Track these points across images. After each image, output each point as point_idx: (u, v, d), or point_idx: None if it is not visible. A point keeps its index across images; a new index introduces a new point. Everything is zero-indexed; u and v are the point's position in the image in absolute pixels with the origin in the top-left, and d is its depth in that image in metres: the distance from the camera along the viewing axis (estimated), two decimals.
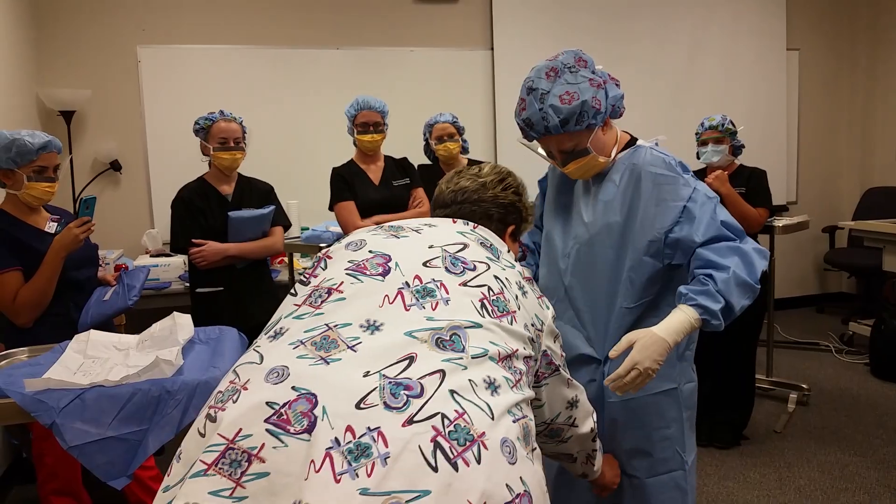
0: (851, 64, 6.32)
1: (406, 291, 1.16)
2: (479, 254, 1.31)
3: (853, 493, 3.06)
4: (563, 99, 1.74)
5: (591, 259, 1.89)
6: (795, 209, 6.01)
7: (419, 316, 1.12)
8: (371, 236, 1.33)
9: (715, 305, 1.66)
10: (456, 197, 1.53)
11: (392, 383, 0.99)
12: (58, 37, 4.56)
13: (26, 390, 1.80)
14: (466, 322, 1.13)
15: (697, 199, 1.77)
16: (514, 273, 1.33)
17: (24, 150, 2.46)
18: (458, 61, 5.33)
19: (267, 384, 1.00)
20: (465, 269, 1.24)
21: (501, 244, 1.42)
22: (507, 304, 1.22)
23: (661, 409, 1.89)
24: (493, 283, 1.23)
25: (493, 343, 1.13)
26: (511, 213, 1.56)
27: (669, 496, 1.92)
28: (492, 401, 1.04)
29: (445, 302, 1.16)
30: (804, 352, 5.13)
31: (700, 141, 3.70)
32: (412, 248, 1.28)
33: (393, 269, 1.21)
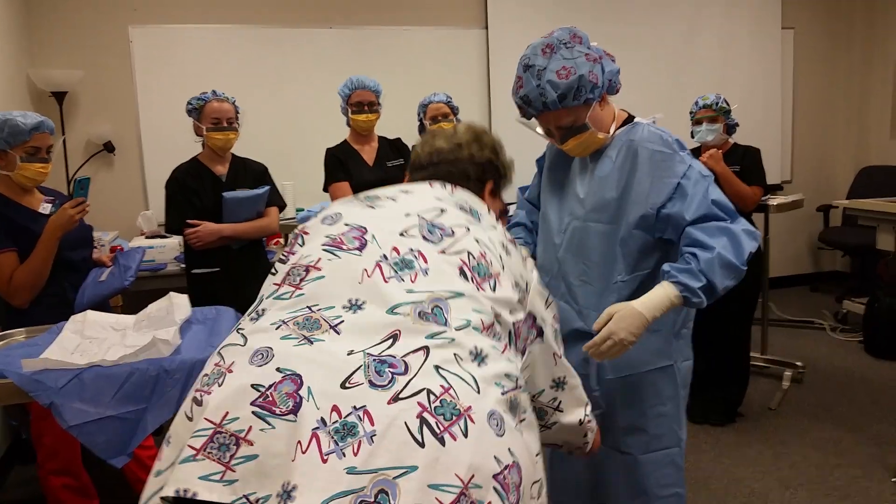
0: (846, 42, 6.31)
1: (384, 264, 1.14)
2: (458, 218, 1.27)
3: (847, 468, 3.09)
4: (560, 74, 1.74)
5: (586, 234, 1.89)
6: (790, 188, 6.02)
7: (399, 289, 1.10)
8: (347, 208, 1.30)
9: (695, 283, 1.67)
10: (432, 158, 1.50)
11: (377, 361, 0.99)
12: (49, 17, 4.52)
13: (24, 370, 1.81)
14: (447, 293, 1.11)
15: (691, 177, 1.77)
16: (497, 234, 1.31)
17: (16, 131, 2.45)
18: (453, 40, 5.30)
19: (252, 366, 1.00)
20: (443, 235, 1.21)
21: (481, 204, 1.39)
22: (488, 268, 1.19)
23: (658, 386, 1.91)
24: (474, 247, 1.21)
25: (476, 311, 1.11)
26: (489, 171, 1.51)
27: (665, 473, 1.93)
28: (478, 372, 1.03)
29: (425, 272, 1.14)
30: (799, 330, 5.16)
31: (694, 120, 3.70)
32: (388, 218, 1.24)
33: (370, 242, 1.18)
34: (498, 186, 1.56)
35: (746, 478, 3.06)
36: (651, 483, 1.93)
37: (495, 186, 1.54)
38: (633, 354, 1.87)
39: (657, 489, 1.93)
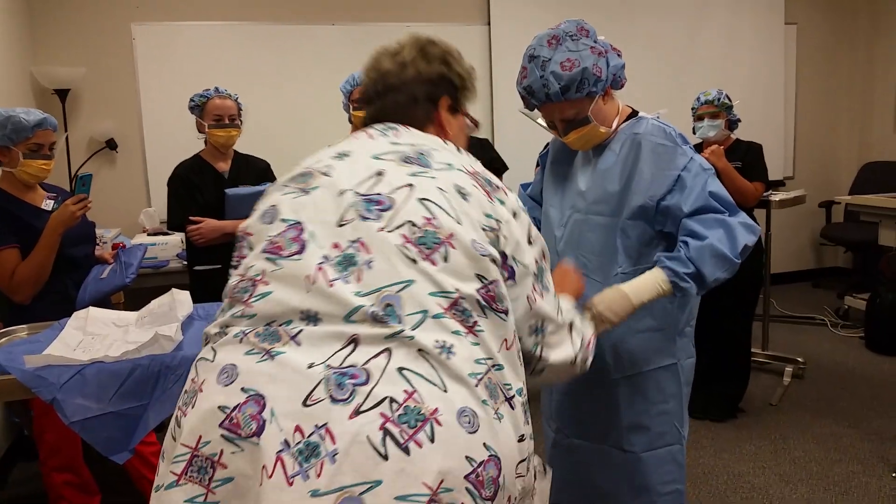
0: (850, 38, 6.29)
1: (327, 265, 1.07)
2: (399, 176, 1.15)
3: (847, 464, 3.10)
4: (564, 66, 1.74)
5: (586, 227, 1.89)
6: (792, 184, 6.01)
7: (347, 292, 1.03)
8: (282, 197, 1.20)
9: (682, 270, 1.68)
10: (377, 87, 1.36)
11: (337, 373, 0.96)
12: (52, 15, 4.52)
13: (27, 367, 1.82)
14: (396, 285, 1.04)
15: (692, 170, 1.77)
16: (452, 175, 1.18)
17: (19, 128, 2.46)
18: (455, 37, 5.16)
19: (219, 386, 1.00)
20: (380, 211, 1.11)
21: (432, 140, 1.27)
22: (437, 233, 1.08)
23: (661, 384, 1.91)
24: (417, 214, 1.10)
25: (431, 296, 1.04)
26: (441, 86, 1.36)
27: (667, 470, 1.94)
28: (446, 368, 1.00)
29: (368, 266, 1.06)
30: (800, 326, 5.16)
31: (696, 116, 3.70)
32: (323, 207, 1.14)
33: (308, 242, 1.10)
34: (457, 100, 1.41)
35: (747, 473, 3.06)
36: (653, 480, 1.93)
37: (453, 102, 1.40)
38: (638, 353, 1.88)
39: (659, 486, 1.93)
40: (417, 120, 1.34)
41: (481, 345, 1.06)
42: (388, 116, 1.33)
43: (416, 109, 1.34)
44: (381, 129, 1.30)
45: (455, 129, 1.39)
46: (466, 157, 1.28)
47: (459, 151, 1.28)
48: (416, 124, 1.33)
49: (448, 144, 1.28)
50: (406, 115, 1.33)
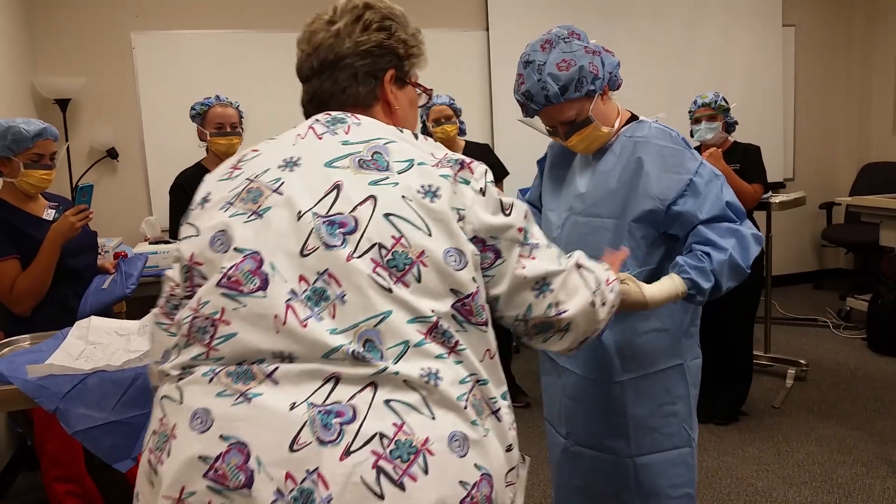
0: (848, 39, 6.30)
1: (295, 302, 0.98)
2: (359, 189, 1.05)
3: (851, 465, 3.10)
4: (561, 66, 1.75)
5: (587, 229, 1.89)
6: (792, 185, 6.01)
7: (321, 331, 0.96)
8: (231, 220, 1.07)
9: (706, 284, 1.69)
10: (313, 63, 1.23)
11: (322, 412, 0.92)
12: (51, 25, 4.54)
13: (29, 376, 1.82)
14: (373, 319, 0.98)
15: (704, 175, 1.77)
16: (415, 175, 1.08)
17: (19, 138, 2.47)
18: (454, 42, 5.31)
19: (193, 433, 0.95)
20: (344, 235, 1.01)
21: (386, 132, 1.15)
22: (407, 253, 1.01)
23: (668, 385, 1.91)
24: (385, 234, 1.01)
25: (410, 323, 0.99)
26: (382, 57, 1.23)
27: (676, 472, 1.93)
28: (434, 394, 0.98)
29: (342, 300, 0.98)
30: (802, 327, 5.15)
31: (693, 119, 3.71)
32: (282, 232, 1.03)
33: (270, 275, 1.00)
34: (403, 72, 1.27)
35: (750, 476, 3.06)
36: (662, 484, 1.92)
37: (399, 72, 1.26)
38: (644, 355, 1.88)
39: (669, 489, 1.93)
40: (360, 99, 1.22)
41: (464, 362, 1.03)
42: (326, 97, 1.22)
43: (358, 87, 1.21)
44: (328, 123, 1.17)
45: (403, 102, 1.28)
46: (426, 143, 1.17)
47: (417, 138, 1.17)
48: (360, 105, 1.22)
49: (404, 133, 1.16)
50: (347, 95, 1.21)
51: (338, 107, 1.21)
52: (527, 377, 4.08)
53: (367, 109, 1.22)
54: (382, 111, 1.24)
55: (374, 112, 1.23)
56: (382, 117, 1.23)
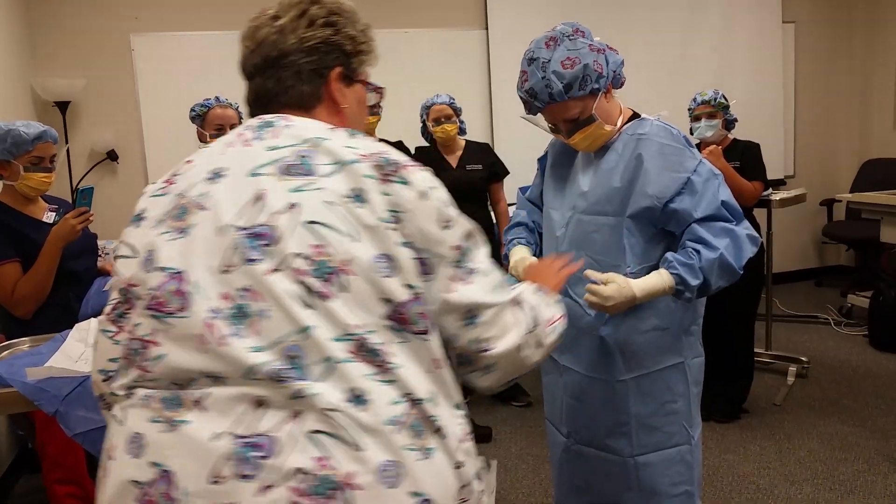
0: (848, 35, 6.29)
1: (217, 321, 0.95)
2: (281, 197, 1.00)
3: (852, 462, 3.09)
4: (565, 64, 1.75)
5: (590, 227, 1.89)
6: (793, 182, 6.00)
7: (243, 349, 0.93)
8: (159, 239, 1.04)
9: (693, 281, 1.71)
10: (256, 60, 1.18)
11: (243, 444, 0.89)
12: (51, 27, 4.55)
13: (28, 379, 1.82)
14: (295, 335, 0.93)
15: (702, 174, 1.78)
16: (343, 177, 1.01)
17: (19, 141, 2.47)
18: (453, 42, 5.32)
19: (128, 456, 0.95)
20: (265, 246, 0.97)
21: (317, 131, 1.08)
22: (329, 262, 0.96)
23: (670, 383, 1.91)
24: (305, 241, 0.96)
25: (335, 341, 0.94)
26: (328, 54, 1.17)
27: (675, 470, 1.93)
28: (360, 421, 0.92)
29: (264, 315, 0.95)
30: (803, 325, 5.15)
31: (693, 116, 3.71)
32: (204, 249, 1.00)
33: (192, 295, 0.97)
34: (352, 68, 1.21)
35: (752, 474, 3.06)
36: (662, 482, 1.92)
37: (346, 70, 1.19)
38: (645, 353, 1.88)
39: (669, 488, 1.93)
40: (303, 99, 1.16)
41: (398, 381, 0.96)
42: (270, 96, 1.17)
43: (302, 86, 1.16)
44: (258, 128, 1.12)
45: (352, 101, 1.21)
46: (362, 139, 1.08)
47: (353, 135, 1.09)
48: (303, 106, 1.16)
49: (337, 132, 1.09)
50: (290, 95, 1.16)
51: (280, 107, 1.16)
52: (528, 376, 4.04)
53: (310, 110, 1.17)
54: (327, 111, 1.18)
55: (316, 113, 1.17)
56: (327, 118, 1.17)
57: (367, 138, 1.10)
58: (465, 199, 3.64)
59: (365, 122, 1.27)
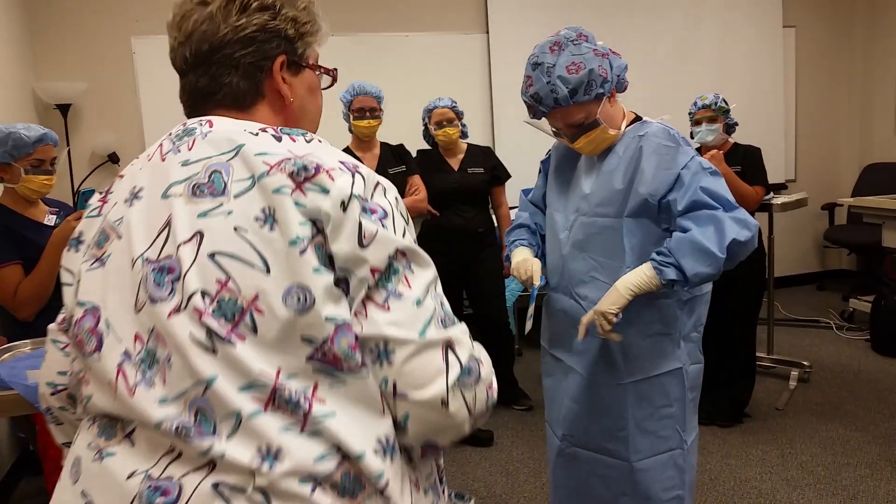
0: (849, 40, 6.30)
1: (127, 366, 0.87)
2: (187, 224, 0.88)
3: (855, 467, 3.08)
4: (570, 69, 1.75)
5: (593, 229, 1.90)
6: (794, 187, 6.01)
7: (150, 402, 0.85)
8: (83, 268, 0.97)
9: (661, 258, 1.72)
10: (186, 55, 1.01)
11: (151, 487, 0.83)
12: (52, 30, 4.55)
13: (30, 382, 1.82)
14: (199, 386, 0.84)
15: (691, 168, 1.78)
16: (255, 195, 0.87)
17: (20, 144, 2.47)
18: (454, 45, 5.32)
19: (69, 481, 0.91)
20: (172, 281, 0.86)
21: (237, 136, 0.93)
22: (236, 299, 0.84)
23: (666, 388, 1.91)
24: (208, 277, 0.85)
25: (242, 391, 0.83)
26: (268, 43, 1.01)
27: (668, 475, 1.93)
28: (271, 482, 0.82)
29: (168, 363, 0.85)
30: (805, 329, 5.14)
31: (694, 121, 3.70)
32: (118, 283, 0.91)
33: (105, 335, 0.90)
34: (297, 53, 1.05)
35: (753, 478, 3.05)
36: (655, 487, 1.93)
37: (291, 56, 1.04)
38: (646, 358, 1.88)
39: (662, 493, 1.93)
40: (240, 99, 1.02)
41: (324, 434, 0.84)
42: (203, 96, 1.02)
43: (238, 83, 1.01)
44: (177, 138, 0.99)
45: (301, 91, 1.07)
46: (286, 142, 0.93)
47: (279, 139, 0.93)
48: (239, 106, 1.02)
49: (262, 135, 0.94)
50: (224, 95, 1.01)
51: (214, 107, 1.02)
52: (529, 379, 4.07)
53: (249, 110, 1.02)
54: (271, 108, 1.04)
55: (256, 112, 1.03)
56: (270, 116, 1.03)
57: (296, 138, 0.94)
58: (466, 203, 3.68)
59: (319, 112, 1.14)
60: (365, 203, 0.88)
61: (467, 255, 3.68)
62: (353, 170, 0.90)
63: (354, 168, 0.91)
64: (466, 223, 3.69)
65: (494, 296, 3.81)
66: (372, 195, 0.91)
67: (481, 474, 3.20)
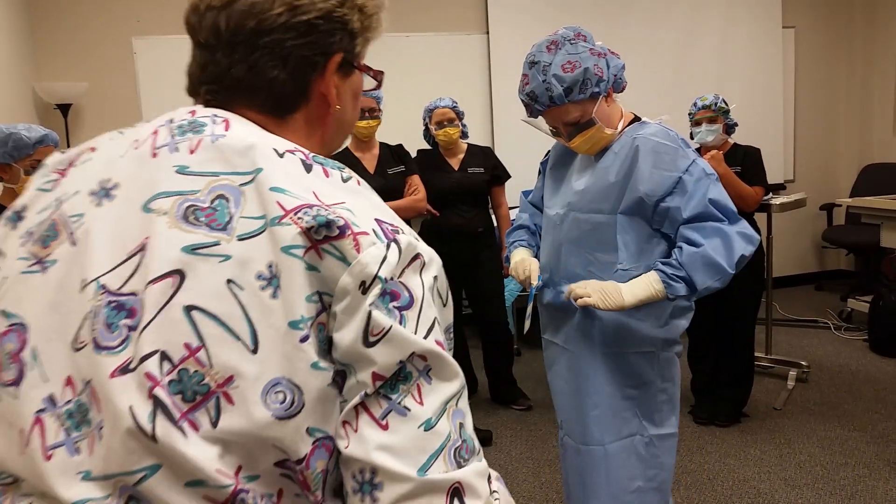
0: (848, 40, 6.31)
1: (48, 418, 0.66)
2: (167, 256, 0.67)
3: (853, 467, 3.09)
4: (566, 68, 1.76)
5: (588, 225, 1.90)
6: (793, 187, 6.02)
7: (69, 474, 0.65)
8: (17, 261, 0.73)
9: (672, 272, 1.72)
10: (222, 22, 0.78)
11: None
12: (53, 30, 4.56)
13: None
14: (133, 476, 0.64)
15: (693, 173, 1.78)
16: (258, 247, 0.67)
17: (20, 145, 2.47)
18: (454, 46, 5.33)
19: None
20: (129, 329, 0.66)
21: (256, 157, 0.71)
22: (203, 375, 0.64)
23: (636, 368, 1.92)
24: (176, 336, 0.65)
25: (189, 487, 0.64)
26: (330, 35, 0.80)
27: (630, 462, 1.93)
28: None
29: (100, 432, 0.65)
30: (803, 329, 5.15)
31: (694, 121, 3.71)
32: (58, 304, 0.69)
33: (28, 366, 0.68)
34: (354, 52, 0.85)
35: (752, 478, 3.06)
36: (622, 475, 1.92)
37: (348, 55, 0.83)
38: (621, 333, 1.89)
39: (627, 482, 1.93)
40: (281, 102, 0.80)
41: None
42: (229, 87, 0.80)
43: (284, 81, 0.79)
44: (180, 129, 0.77)
45: (347, 97, 0.86)
46: (318, 175, 0.73)
47: (309, 168, 0.73)
48: (278, 110, 0.81)
49: (289, 157, 0.73)
50: (261, 94, 0.79)
51: (244, 104, 0.80)
52: (528, 379, 4.08)
53: (284, 119, 0.81)
54: (309, 117, 0.83)
55: (293, 123, 0.82)
56: (304, 127, 0.83)
57: (331, 172, 0.74)
58: (466, 203, 3.69)
59: (355, 123, 0.97)
60: (388, 284, 0.67)
61: (467, 255, 3.69)
62: (390, 237, 0.69)
63: (392, 235, 0.69)
64: (466, 223, 3.70)
65: (494, 296, 3.81)
66: (403, 271, 0.69)
67: None
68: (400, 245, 0.69)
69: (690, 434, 3.47)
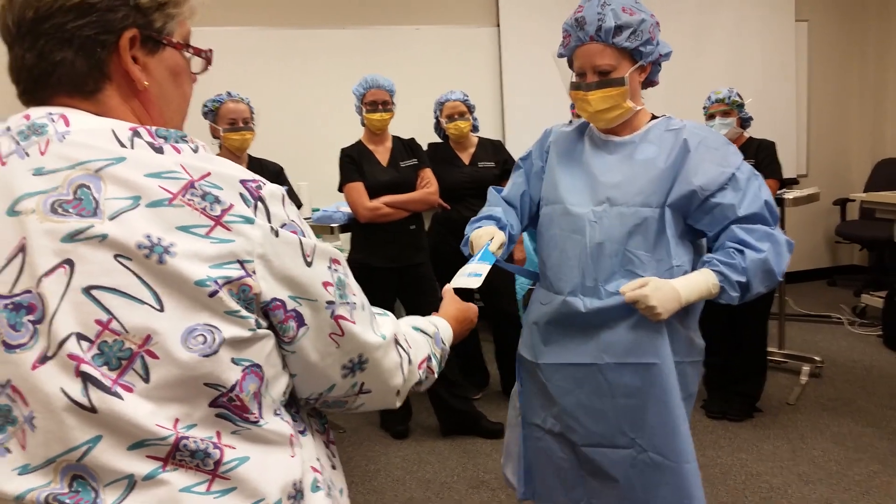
0: (861, 34, 6.26)
1: None
2: (48, 250, 0.71)
3: (867, 463, 3.07)
4: (625, 9, 1.71)
5: (635, 220, 1.76)
6: (806, 182, 5.97)
7: (4, 472, 0.70)
8: None
9: (735, 277, 1.65)
10: (8, 24, 0.80)
11: None
12: None
13: None
14: (75, 451, 0.70)
15: (745, 171, 1.75)
16: (133, 222, 0.72)
17: None
18: (465, 39, 5.31)
19: None
20: (33, 323, 0.70)
21: (103, 142, 0.75)
22: (122, 341, 0.70)
23: (688, 379, 1.83)
24: (85, 316, 0.69)
25: (133, 449, 0.70)
26: (113, 12, 0.79)
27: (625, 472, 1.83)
28: None
29: (31, 425, 0.70)
30: (816, 324, 5.12)
31: (708, 114, 3.70)
32: None
33: None
34: (155, 28, 0.85)
35: (765, 473, 3.04)
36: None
37: (146, 30, 0.83)
38: (627, 345, 1.77)
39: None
40: (79, 81, 0.80)
41: (238, 488, 0.74)
42: (34, 77, 0.81)
43: (73, 62, 0.79)
44: (21, 134, 0.77)
45: (160, 74, 0.86)
46: (171, 154, 0.77)
47: (160, 149, 0.77)
48: (79, 90, 0.81)
49: (137, 141, 0.77)
50: (59, 76, 0.80)
51: (51, 92, 0.81)
52: None
53: (92, 96, 0.81)
54: (119, 94, 0.82)
55: (103, 99, 0.81)
56: (119, 104, 0.83)
57: (180, 147, 0.79)
58: (477, 196, 3.68)
59: (186, 101, 0.95)
60: (287, 221, 0.81)
61: None
62: (255, 195, 0.79)
63: (262, 182, 0.81)
64: None
65: (505, 288, 3.81)
66: (286, 209, 0.82)
67: (492, 465, 3.20)
68: (271, 188, 0.80)
69: (703, 428, 3.45)
